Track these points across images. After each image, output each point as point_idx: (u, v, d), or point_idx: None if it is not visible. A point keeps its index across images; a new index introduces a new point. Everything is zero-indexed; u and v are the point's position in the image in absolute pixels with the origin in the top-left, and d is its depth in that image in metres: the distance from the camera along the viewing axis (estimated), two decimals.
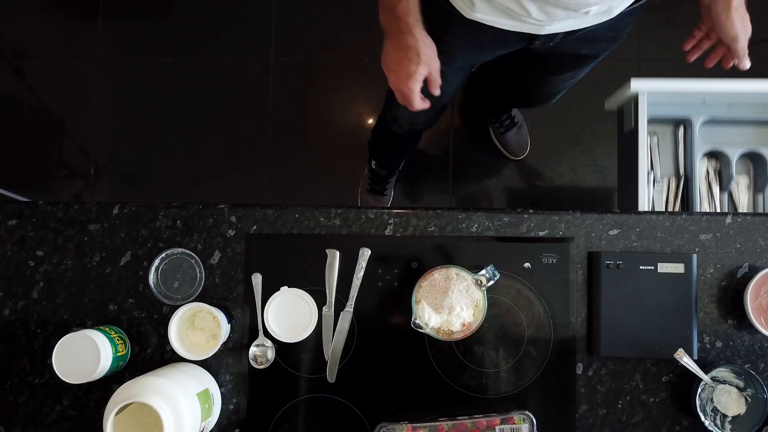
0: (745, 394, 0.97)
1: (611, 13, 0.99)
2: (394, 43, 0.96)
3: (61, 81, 2.11)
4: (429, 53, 0.97)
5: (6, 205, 1.05)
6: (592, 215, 1.03)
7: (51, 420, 1.01)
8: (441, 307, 0.94)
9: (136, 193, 2.03)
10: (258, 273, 1.01)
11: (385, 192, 1.94)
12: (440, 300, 0.94)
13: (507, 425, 0.94)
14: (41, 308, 1.03)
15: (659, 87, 1.42)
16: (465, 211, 1.04)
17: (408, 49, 0.95)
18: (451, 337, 0.95)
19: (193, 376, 0.95)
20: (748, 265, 1.01)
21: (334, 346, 1.01)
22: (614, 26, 1.05)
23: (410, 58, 0.95)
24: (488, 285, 0.95)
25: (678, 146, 1.55)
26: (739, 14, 0.96)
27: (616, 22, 1.03)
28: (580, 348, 1.01)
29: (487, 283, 0.95)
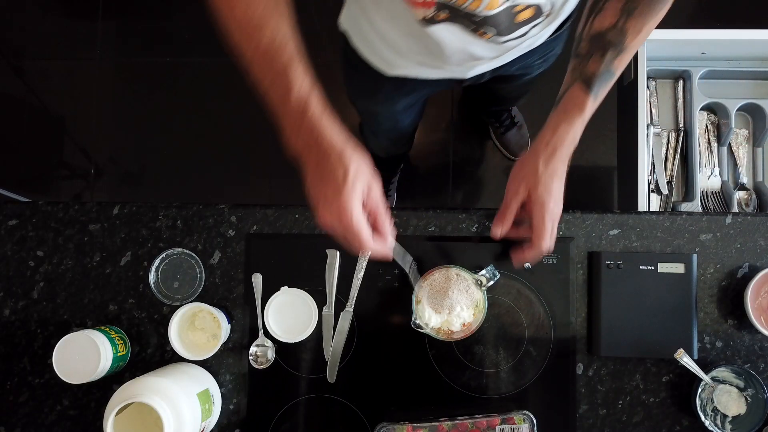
0: (745, 394, 0.97)
1: (533, 45, 0.97)
2: (313, 170, 0.75)
3: (61, 81, 2.11)
4: (360, 167, 0.74)
5: (6, 205, 1.05)
6: (592, 215, 1.03)
7: (51, 420, 1.01)
8: (441, 307, 0.94)
9: (136, 193, 2.03)
10: (258, 273, 1.01)
11: (388, 193, 1.93)
12: (440, 300, 0.94)
13: (507, 425, 0.94)
14: (41, 308, 1.03)
15: (658, 36, 1.42)
16: (465, 211, 1.04)
17: (332, 170, 0.73)
18: (452, 337, 0.95)
19: (193, 376, 0.95)
20: (748, 265, 1.01)
21: (334, 346, 1.01)
22: (541, 51, 1.03)
23: (337, 181, 0.73)
24: (488, 285, 0.95)
25: (677, 100, 1.56)
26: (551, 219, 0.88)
27: (544, 47, 1.01)
28: (580, 348, 1.01)
29: (487, 283, 0.95)
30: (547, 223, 0.86)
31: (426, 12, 0.76)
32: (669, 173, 1.56)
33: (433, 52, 0.87)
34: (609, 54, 0.82)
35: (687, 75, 1.54)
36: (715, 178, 1.55)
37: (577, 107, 0.84)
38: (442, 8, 0.76)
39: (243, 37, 0.70)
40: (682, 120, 1.56)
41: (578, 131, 0.85)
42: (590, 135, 2.19)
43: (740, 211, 1.52)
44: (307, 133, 0.72)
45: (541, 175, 0.85)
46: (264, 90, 0.72)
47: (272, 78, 0.71)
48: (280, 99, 0.72)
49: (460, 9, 0.75)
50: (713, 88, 1.55)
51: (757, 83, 1.55)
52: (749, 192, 1.55)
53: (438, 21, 0.78)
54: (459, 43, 0.83)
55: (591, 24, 0.84)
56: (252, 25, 0.69)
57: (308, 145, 0.73)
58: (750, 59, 1.53)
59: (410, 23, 0.80)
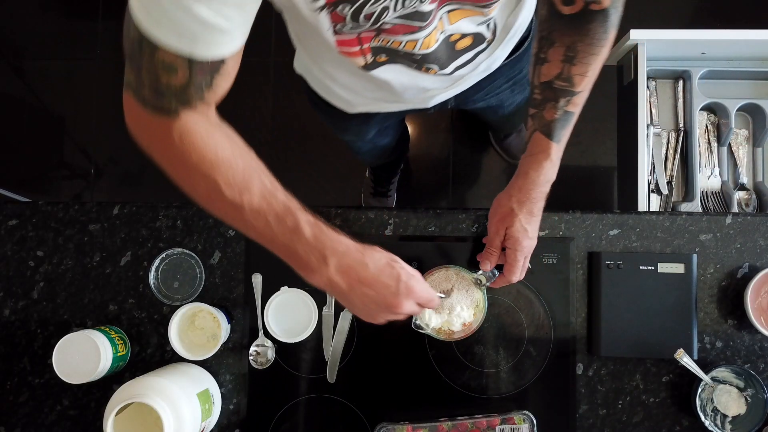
0: (745, 394, 0.97)
1: (490, 69, 0.95)
2: (358, 288, 0.74)
3: (61, 81, 2.11)
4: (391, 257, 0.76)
5: (6, 205, 1.05)
6: (592, 215, 1.03)
7: (51, 420, 1.01)
8: (441, 308, 0.94)
9: (136, 193, 2.03)
10: (258, 273, 1.01)
11: (389, 194, 1.93)
12: (441, 300, 0.94)
13: (507, 425, 0.94)
14: (41, 308, 1.03)
15: (658, 36, 1.42)
16: (465, 211, 1.04)
17: (379, 277, 0.73)
18: (452, 337, 0.95)
19: (193, 376, 0.95)
20: (748, 265, 1.01)
21: (334, 346, 1.00)
22: (505, 74, 1.01)
23: (392, 287, 0.74)
24: (487, 284, 0.95)
25: (677, 100, 1.56)
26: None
27: (507, 71, 1.00)
28: (580, 348, 1.01)
29: (487, 282, 0.95)
30: (519, 258, 0.92)
31: (365, 59, 0.77)
32: (669, 173, 1.56)
33: (385, 89, 0.87)
34: (562, 101, 0.84)
35: (687, 75, 1.54)
36: (715, 178, 1.55)
37: (542, 153, 0.87)
38: (380, 52, 0.76)
39: (235, 204, 0.70)
40: (682, 120, 1.56)
41: (549, 172, 0.88)
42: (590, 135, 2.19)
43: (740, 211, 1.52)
44: (336, 255, 0.71)
45: (516, 216, 0.90)
46: (270, 239, 0.71)
47: (276, 222, 0.70)
48: (291, 239, 0.71)
49: (398, 51, 0.76)
50: (713, 88, 1.55)
51: (757, 83, 1.55)
52: (749, 192, 1.55)
53: (380, 64, 0.79)
54: (407, 80, 0.84)
55: (539, 73, 0.85)
56: (239, 191, 0.68)
57: (344, 266, 0.72)
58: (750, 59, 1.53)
59: (355, 69, 0.80)
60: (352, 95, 0.95)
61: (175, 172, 0.71)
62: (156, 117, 0.67)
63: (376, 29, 0.70)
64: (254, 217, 0.69)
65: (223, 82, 0.66)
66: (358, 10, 0.64)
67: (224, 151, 0.69)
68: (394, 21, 0.68)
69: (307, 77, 1.03)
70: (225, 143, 0.69)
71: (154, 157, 0.71)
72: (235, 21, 0.61)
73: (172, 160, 0.69)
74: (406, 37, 0.72)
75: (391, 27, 0.70)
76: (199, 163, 0.68)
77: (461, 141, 2.03)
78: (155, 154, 0.70)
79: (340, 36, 0.71)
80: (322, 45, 0.76)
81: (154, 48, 0.60)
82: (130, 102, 0.67)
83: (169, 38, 0.60)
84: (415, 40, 0.73)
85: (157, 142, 0.69)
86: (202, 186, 0.69)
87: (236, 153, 0.70)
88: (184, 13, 0.57)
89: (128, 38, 0.62)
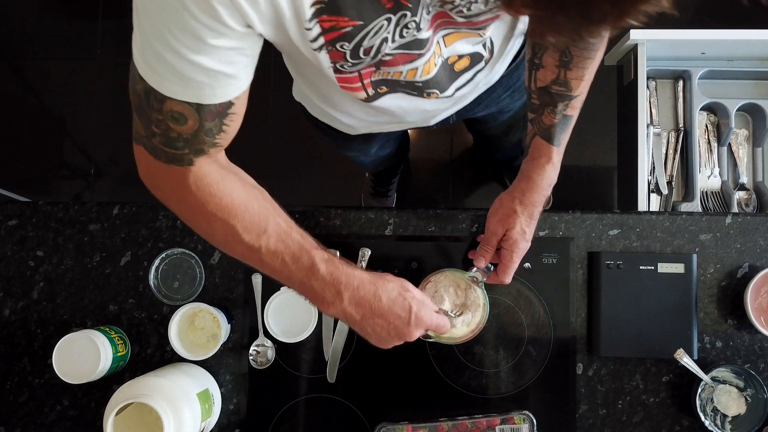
0: (745, 394, 0.97)
1: (490, 83, 0.94)
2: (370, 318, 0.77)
3: (61, 81, 2.11)
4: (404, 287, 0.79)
5: (6, 205, 1.05)
6: (592, 215, 1.03)
7: (51, 420, 1.01)
8: (447, 316, 0.94)
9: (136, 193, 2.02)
10: (258, 273, 1.01)
11: (389, 194, 1.93)
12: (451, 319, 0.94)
13: (507, 425, 0.94)
14: (41, 308, 1.03)
15: (658, 36, 1.42)
16: (465, 211, 1.04)
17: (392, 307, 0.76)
18: (461, 340, 0.95)
19: (193, 376, 0.95)
20: (748, 265, 1.01)
21: (334, 346, 1.00)
22: (504, 84, 1.00)
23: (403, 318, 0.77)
24: (484, 280, 0.95)
25: (677, 100, 1.57)
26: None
27: (505, 81, 0.98)
28: (580, 348, 1.01)
29: (483, 279, 0.95)
30: (514, 260, 0.93)
31: (366, 92, 0.77)
32: (669, 173, 1.56)
33: (387, 115, 0.88)
34: (560, 105, 0.84)
35: (687, 75, 1.54)
36: (715, 178, 1.55)
37: (544, 157, 0.88)
38: (380, 84, 0.77)
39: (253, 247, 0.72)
40: (682, 120, 1.56)
41: (551, 175, 0.90)
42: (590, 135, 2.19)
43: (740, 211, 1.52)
44: (350, 289, 0.74)
45: (518, 217, 0.91)
46: (287, 276, 0.74)
47: (292, 262, 0.73)
48: (307, 276, 0.74)
49: (399, 81, 0.76)
50: (713, 88, 1.55)
51: (757, 83, 1.55)
52: (749, 192, 1.55)
53: (381, 95, 0.79)
54: (408, 105, 0.84)
55: (535, 78, 0.85)
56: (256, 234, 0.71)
57: (357, 298, 0.75)
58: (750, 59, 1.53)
59: (356, 100, 0.80)
60: (354, 121, 0.95)
61: (192, 219, 0.73)
62: (170, 167, 0.68)
63: (376, 63, 0.70)
64: (271, 258, 0.72)
65: (233, 123, 0.68)
66: (358, 45, 0.64)
67: (239, 196, 0.71)
68: (393, 52, 0.68)
69: (306, 105, 1.03)
70: (239, 187, 0.72)
71: (170, 206, 0.73)
72: (239, 65, 0.62)
73: (189, 207, 0.71)
74: (406, 66, 0.72)
75: (391, 58, 0.70)
76: (216, 210, 0.70)
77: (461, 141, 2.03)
78: (171, 202, 0.72)
79: (340, 74, 0.71)
80: (322, 79, 0.76)
81: (162, 100, 0.61)
82: (142, 154, 0.69)
83: (175, 90, 0.60)
84: (415, 68, 0.73)
85: (172, 192, 0.71)
86: (220, 231, 0.71)
87: (251, 195, 0.72)
88: (188, 64, 0.58)
89: (134, 92, 0.63)
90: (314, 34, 0.62)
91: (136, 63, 0.61)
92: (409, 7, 0.62)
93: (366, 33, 0.63)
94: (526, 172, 0.90)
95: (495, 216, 0.94)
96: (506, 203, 0.93)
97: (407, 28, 0.65)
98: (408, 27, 0.65)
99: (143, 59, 0.60)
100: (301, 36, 0.62)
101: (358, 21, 0.61)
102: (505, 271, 0.94)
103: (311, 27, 0.61)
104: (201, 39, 0.57)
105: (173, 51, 0.58)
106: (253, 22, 0.58)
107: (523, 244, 0.92)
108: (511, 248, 0.92)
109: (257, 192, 0.74)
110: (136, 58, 0.61)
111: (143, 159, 0.69)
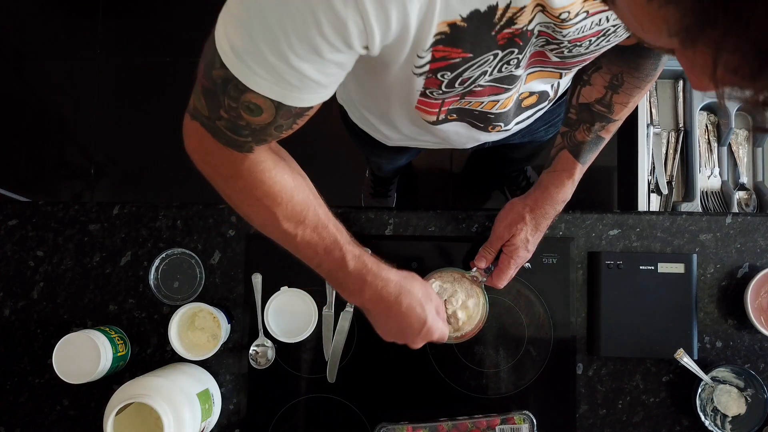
0: (745, 394, 0.97)
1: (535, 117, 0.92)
2: (386, 314, 0.80)
3: (61, 81, 2.11)
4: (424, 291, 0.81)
5: (6, 205, 1.05)
6: (592, 215, 1.03)
7: (51, 420, 1.01)
8: (447, 314, 0.95)
9: (136, 193, 2.03)
10: (258, 273, 1.01)
11: (389, 194, 1.93)
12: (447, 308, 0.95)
13: (507, 425, 0.94)
14: (41, 308, 1.03)
15: None
16: (465, 211, 1.04)
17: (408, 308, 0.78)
18: (464, 338, 0.95)
19: (193, 376, 0.95)
20: (748, 265, 1.01)
21: (334, 346, 1.00)
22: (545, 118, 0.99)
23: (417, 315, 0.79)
24: (484, 280, 0.95)
25: (677, 100, 1.56)
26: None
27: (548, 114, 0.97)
28: (580, 348, 1.01)
29: (483, 279, 0.96)
30: (511, 266, 0.94)
31: (437, 117, 0.77)
32: (669, 173, 1.56)
33: (439, 137, 0.87)
34: (597, 125, 0.84)
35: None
36: (715, 178, 1.55)
37: (566, 171, 0.89)
38: (453, 112, 0.76)
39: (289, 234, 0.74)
40: (682, 120, 1.56)
41: (568, 192, 0.90)
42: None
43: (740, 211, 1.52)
44: (372, 288, 0.77)
45: (525, 225, 0.91)
46: (317, 264, 0.77)
47: (324, 253, 0.75)
48: (336, 268, 0.76)
49: (473, 110, 0.75)
50: None
51: None
52: (749, 192, 1.55)
53: (448, 120, 0.79)
54: (466, 133, 0.84)
55: (579, 94, 0.84)
56: (294, 223, 0.73)
57: (376, 297, 0.77)
58: None
59: (419, 120, 0.79)
60: (398, 135, 0.93)
61: (237, 200, 0.73)
62: (226, 149, 0.66)
63: (463, 92, 0.69)
64: (305, 247, 0.74)
65: (304, 122, 0.66)
66: (458, 75, 0.63)
67: (287, 185, 0.72)
68: (485, 84, 0.68)
69: (348, 109, 1.02)
70: (288, 176, 0.72)
71: (214, 182, 0.72)
72: (334, 77, 0.60)
73: (237, 189, 0.72)
74: (489, 98, 0.72)
75: (481, 90, 0.69)
76: (263, 197, 0.70)
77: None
78: (217, 179, 0.72)
79: (425, 98, 0.70)
80: (393, 95, 0.75)
81: (242, 90, 0.58)
82: (197, 130, 0.66)
83: (262, 85, 0.58)
84: (496, 100, 0.73)
85: (223, 171, 0.70)
86: (261, 216, 0.73)
87: (297, 185, 0.73)
88: (287, 66, 0.55)
89: (209, 76, 0.60)
90: (423, 62, 0.61)
91: (220, 50, 0.57)
92: (519, 45, 0.61)
93: (470, 66, 0.62)
94: (544, 182, 0.90)
95: (503, 220, 0.94)
96: (517, 208, 0.92)
97: (508, 65, 0.64)
98: (509, 63, 0.64)
99: (232, 49, 0.56)
100: (408, 60, 0.61)
101: (469, 54, 0.60)
102: (499, 276, 0.94)
103: (424, 55, 0.59)
104: (317, 52, 0.54)
105: (279, 54, 0.55)
106: (374, 44, 0.55)
107: (523, 252, 0.93)
108: (510, 254, 0.93)
109: (302, 181, 0.75)
110: (221, 45, 0.57)
111: (197, 134, 0.67)
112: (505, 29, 0.58)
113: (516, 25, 0.58)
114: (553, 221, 0.94)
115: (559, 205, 0.91)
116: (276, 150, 0.73)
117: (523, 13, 0.57)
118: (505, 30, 0.59)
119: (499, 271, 0.94)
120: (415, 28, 0.55)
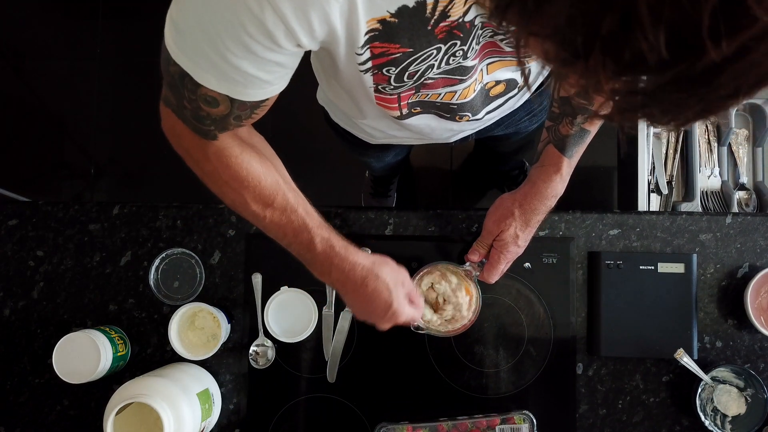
0: (745, 394, 0.97)
1: (514, 107, 0.93)
2: (354, 295, 0.80)
3: (61, 81, 2.11)
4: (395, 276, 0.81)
5: (6, 205, 1.05)
6: (592, 215, 1.03)
7: (51, 420, 1.01)
8: (438, 306, 0.95)
9: (136, 193, 2.03)
10: (258, 273, 1.01)
11: (389, 194, 1.93)
12: (438, 298, 0.95)
13: (507, 425, 0.94)
14: (41, 308, 1.03)
15: None
16: (465, 211, 1.04)
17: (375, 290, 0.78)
18: (455, 331, 0.95)
19: (193, 376, 0.95)
20: (748, 265, 1.01)
21: (334, 346, 1.00)
22: (526, 108, 1.00)
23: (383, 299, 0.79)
24: (477, 274, 0.96)
25: None
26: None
27: (528, 105, 0.98)
28: (580, 348, 1.01)
29: (476, 273, 0.96)
30: (500, 261, 0.94)
31: (400, 112, 0.78)
32: (669, 173, 1.55)
33: (413, 131, 0.88)
34: (579, 118, 0.84)
35: None
36: (715, 178, 1.55)
37: (553, 166, 0.88)
38: (415, 105, 0.77)
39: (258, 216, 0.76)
40: None
41: (557, 186, 0.89)
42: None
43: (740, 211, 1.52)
44: (339, 270, 0.78)
45: (513, 220, 0.91)
46: (286, 244, 0.78)
47: (293, 235, 0.77)
48: (305, 250, 0.77)
49: (434, 102, 0.76)
50: None
51: None
52: (749, 192, 1.55)
53: (414, 114, 0.80)
54: (437, 125, 0.85)
55: (559, 87, 0.84)
56: (263, 205, 0.75)
57: (343, 279, 0.78)
58: None
59: (387, 116, 0.81)
60: (377, 132, 0.95)
61: (207, 181, 0.76)
62: (194, 135, 0.70)
63: (416, 86, 0.70)
64: (274, 228, 0.76)
65: (263, 111, 0.69)
66: (403, 70, 0.65)
67: (255, 170, 0.74)
68: (436, 77, 0.69)
69: (329, 110, 1.04)
70: (254, 163, 0.74)
71: (187, 162, 0.76)
72: (276, 74, 0.62)
73: (206, 173, 0.75)
74: (445, 89, 0.73)
75: (432, 82, 0.70)
76: (230, 180, 0.73)
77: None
78: (189, 161, 0.75)
79: (380, 94, 0.72)
80: (357, 93, 0.77)
81: (196, 85, 0.61)
82: (169, 114, 0.70)
83: (211, 81, 0.60)
84: (453, 91, 0.74)
85: (192, 153, 0.73)
86: (230, 196, 0.75)
87: (265, 171, 0.75)
88: (227, 64, 0.58)
89: (167, 72, 0.63)
90: (363, 59, 0.63)
91: (169, 48, 0.60)
92: (460, 37, 0.62)
93: (414, 60, 0.64)
94: (532, 177, 0.90)
95: (493, 215, 0.94)
96: (506, 204, 0.92)
97: (454, 56, 0.66)
98: (455, 55, 0.65)
99: (179, 48, 0.59)
100: (349, 58, 0.63)
101: (409, 48, 0.61)
102: (490, 271, 0.95)
103: (362, 52, 0.61)
104: (250, 50, 0.57)
105: (218, 53, 0.57)
106: (304, 43, 0.58)
107: (513, 248, 0.93)
108: (500, 249, 0.93)
109: (272, 166, 0.77)
110: (170, 45, 0.60)
111: (169, 118, 0.71)
112: (441, 22, 0.60)
113: (451, 18, 0.59)
114: (545, 217, 0.93)
115: (549, 200, 0.90)
116: (246, 136, 0.76)
117: (454, 5, 0.58)
118: (441, 23, 0.60)
119: (489, 265, 0.95)
120: (342, 27, 0.57)
